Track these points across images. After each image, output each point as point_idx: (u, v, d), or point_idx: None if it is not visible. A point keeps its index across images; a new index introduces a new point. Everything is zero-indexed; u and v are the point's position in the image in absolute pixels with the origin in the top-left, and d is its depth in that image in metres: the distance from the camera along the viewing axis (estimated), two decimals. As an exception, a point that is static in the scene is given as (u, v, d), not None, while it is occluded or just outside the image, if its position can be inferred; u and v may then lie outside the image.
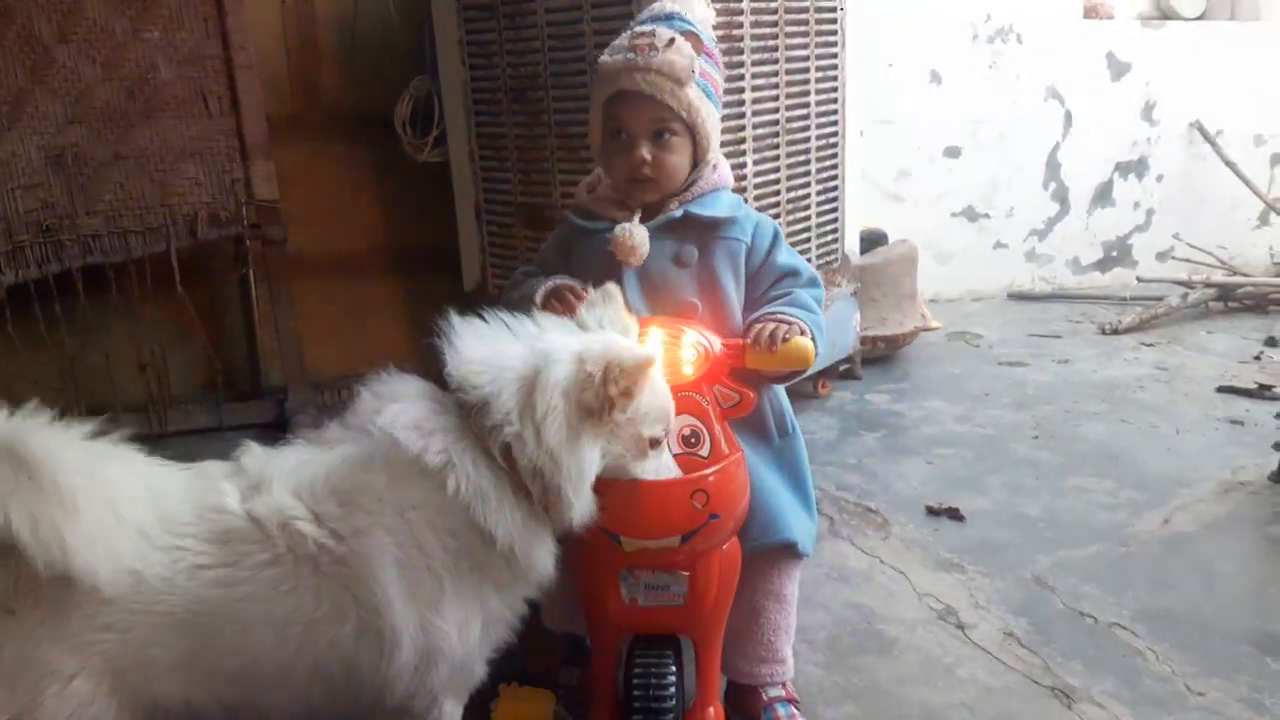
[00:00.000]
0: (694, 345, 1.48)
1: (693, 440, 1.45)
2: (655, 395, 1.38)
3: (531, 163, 2.83)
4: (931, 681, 1.82)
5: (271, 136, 3.03)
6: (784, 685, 1.69)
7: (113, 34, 2.80)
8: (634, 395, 1.31)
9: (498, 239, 3.01)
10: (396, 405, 1.34)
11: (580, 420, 1.30)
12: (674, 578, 1.47)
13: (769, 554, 1.60)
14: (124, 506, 1.22)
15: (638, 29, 1.59)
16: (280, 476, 1.31)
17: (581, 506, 1.34)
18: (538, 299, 1.56)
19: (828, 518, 2.44)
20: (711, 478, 1.43)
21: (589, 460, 1.33)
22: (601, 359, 1.29)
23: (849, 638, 1.96)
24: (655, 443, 1.40)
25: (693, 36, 1.58)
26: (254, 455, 1.37)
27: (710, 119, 1.61)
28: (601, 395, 1.29)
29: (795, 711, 1.66)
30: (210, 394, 3.15)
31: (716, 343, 1.50)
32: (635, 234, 1.58)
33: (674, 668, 1.50)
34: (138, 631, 1.23)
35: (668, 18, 1.60)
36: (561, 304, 1.54)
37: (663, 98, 1.54)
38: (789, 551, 1.61)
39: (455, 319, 1.37)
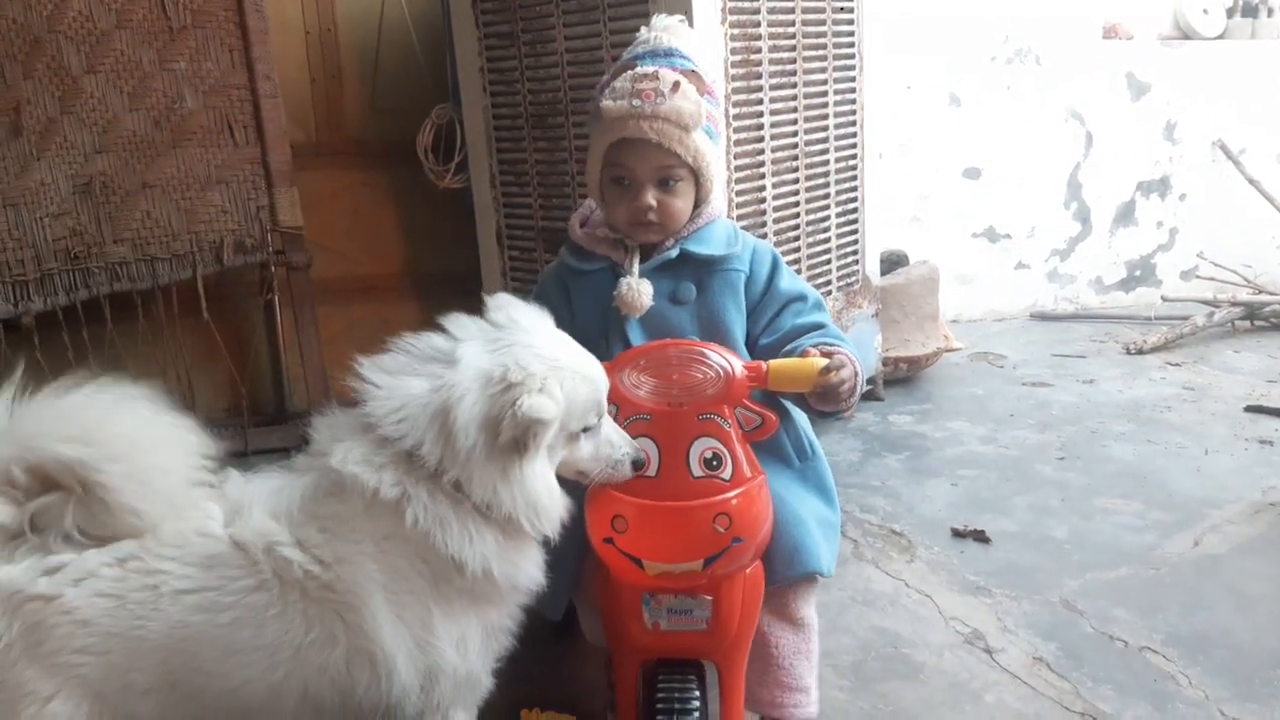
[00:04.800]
0: (715, 367, 1.48)
1: (714, 463, 1.43)
2: (577, 393, 1.33)
3: (552, 188, 2.85)
4: (959, 707, 1.80)
5: (296, 164, 3.07)
6: None
7: (140, 65, 2.85)
8: (541, 436, 1.27)
9: (519, 263, 3.03)
10: (343, 444, 1.31)
11: (507, 452, 1.27)
12: (697, 602, 1.46)
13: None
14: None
15: (640, 70, 1.56)
16: (259, 501, 1.31)
17: (548, 523, 1.33)
18: None
19: (852, 540, 2.42)
20: (734, 501, 1.42)
21: (535, 480, 1.30)
22: (504, 398, 1.25)
23: (875, 662, 1.94)
24: (588, 428, 1.38)
25: (696, 77, 1.57)
26: (234, 481, 1.36)
27: (715, 161, 1.61)
28: (517, 436, 1.26)
29: None
30: (235, 419, 3.18)
31: (738, 365, 1.49)
32: (640, 289, 1.59)
33: (698, 692, 1.48)
34: (116, 655, 1.22)
35: (667, 54, 1.59)
36: None
37: (670, 145, 1.54)
38: (810, 578, 1.58)
39: (362, 361, 1.34)
